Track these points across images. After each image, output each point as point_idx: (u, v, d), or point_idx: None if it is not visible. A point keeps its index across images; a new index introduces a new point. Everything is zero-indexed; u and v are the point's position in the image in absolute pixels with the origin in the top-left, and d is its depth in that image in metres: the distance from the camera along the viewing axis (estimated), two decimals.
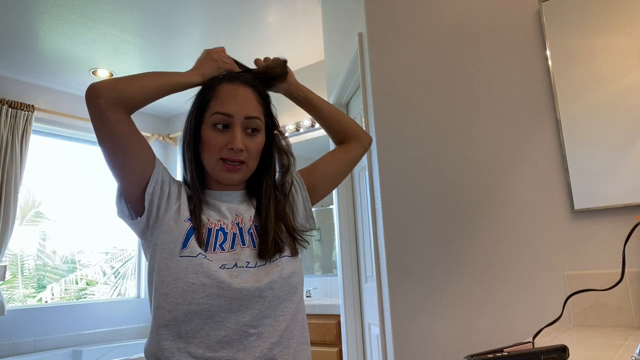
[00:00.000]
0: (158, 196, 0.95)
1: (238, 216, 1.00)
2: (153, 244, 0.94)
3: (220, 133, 0.95)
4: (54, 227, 4.17)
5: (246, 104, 0.97)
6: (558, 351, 0.77)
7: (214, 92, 0.98)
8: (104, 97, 0.86)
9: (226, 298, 0.88)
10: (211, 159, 0.97)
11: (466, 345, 1.42)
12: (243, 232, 0.98)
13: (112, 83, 0.88)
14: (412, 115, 1.64)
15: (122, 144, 0.89)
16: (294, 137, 3.85)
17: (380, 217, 1.70)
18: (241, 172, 0.98)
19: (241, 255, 0.94)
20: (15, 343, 3.46)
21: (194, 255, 0.89)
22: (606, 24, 1.26)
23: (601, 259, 1.21)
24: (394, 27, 1.75)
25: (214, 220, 0.97)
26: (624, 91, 1.21)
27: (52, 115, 3.94)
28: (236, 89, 0.99)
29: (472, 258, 1.44)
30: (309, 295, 3.43)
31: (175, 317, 0.87)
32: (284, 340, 0.93)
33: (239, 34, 3.30)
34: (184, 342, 0.87)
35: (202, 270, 0.88)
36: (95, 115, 0.87)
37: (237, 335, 0.89)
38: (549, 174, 1.33)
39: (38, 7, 2.86)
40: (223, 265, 0.91)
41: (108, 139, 0.89)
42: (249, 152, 0.97)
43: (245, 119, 0.96)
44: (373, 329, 2.19)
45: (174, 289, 0.87)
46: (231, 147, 0.94)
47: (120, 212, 0.96)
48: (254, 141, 0.98)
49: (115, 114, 0.87)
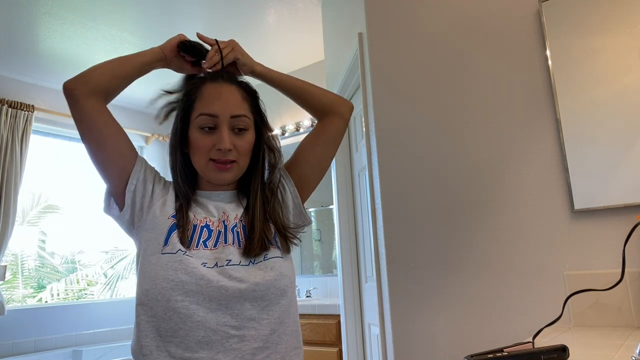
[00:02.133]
0: (141, 194, 0.95)
1: (224, 214, 0.99)
2: (139, 241, 0.95)
3: (208, 134, 0.95)
4: (54, 227, 4.17)
5: (231, 103, 0.96)
6: (558, 351, 0.77)
7: (197, 92, 0.97)
8: (77, 88, 0.91)
9: (204, 295, 0.86)
10: (201, 161, 0.96)
11: (466, 345, 1.42)
12: (227, 230, 0.96)
13: (82, 74, 0.93)
14: (412, 115, 1.64)
15: (100, 133, 0.92)
16: (294, 137, 3.85)
17: (380, 217, 1.70)
18: (232, 170, 0.97)
19: (223, 254, 0.92)
20: (15, 343, 3.46)
21: (174, 252, 0.88)
22: (606, 24, 1.26)
23: (601, 259, 1.21)
24: (394, 27, 1.75)
25: (200, 217, 0.96)
26: (624, 91, 1.21)
27: (52, 115, 3.94)
28: (219, 87, 0.97)
29: (472, 258, 1.44)
30: (309, 295, 3.42)
31: (155, 314, 0.86)
32: (270, 346, 0.90)
33: (239, 34, 3.30)
34: (163, 340, 0.86)
35: (182, 267, 0.87)
36: (72, 106, 0.91)
37: (217, 335, 0.86)
38: (549, 174, 1.33)
39: (38, 8, 2.86)
40: (204, 263, 0.90)
41: (87, 129, 0.92)
42: (238, 151, 0.96)
43: (231, 118, 0.95)
44: (373, 329, 2.19)
45: (154, 285, 0.86)
46: (219, 147, 0.93)
47: (107, 207, 0.97)
48: (243, 140, 0.97)
49: (90, 102, 0.91)
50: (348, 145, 2.63)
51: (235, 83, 1.00)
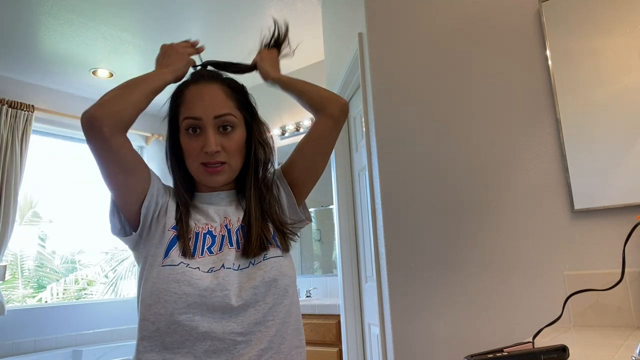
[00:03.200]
0: (152, 209, 0.94)
1: (226, 218, 0.98)
2: (144, 255, 0.93)
3: (195, 138, 0.94)
4: (53, 227, 4.17)
5: (213, 103, 0.94)
6: (558, 351, 0.77)
7: (181, 96, 0.97)
8: (107, 125, 0.82)
9: (208, 307, 0.86)
10: (193, 165, 0.95)
11: (466, 345, 1.42)
12: (231, 234, 0.95)
13: (106, 108, 0.84)
14: (412, 115, 1.64)
15: (125, 165, 0.87)
16: (294, 137, 3.85)
17: (380, 217, 1.70)
18: (224, 172, 0.95)
19: (228, 257, 0.91)
20: (15, 343, 3.46)
21: (176, 264, 0.87)
22: (606, 24, 1.26)
23: (601, 259, 1.21)
24: (394, 27, 1.75)
25: (201, 224, 0.95)
26: (624, 91, 1.21)
27: (52, 115, 3.94)
28: (201, 89, 0.95)
29: (472, 258, 1.44)
30: (309, 295, 3.42)
31: (158, 328, 0.85)
32: (273, 346, 0.90)
33: (239, 34, 3.30)
34: (170, 352, 0.85)
35: (184, 279, 0.85)
36: (98, 143, 0.83)
37: (224, 344, 0.86)
38: (549, 174, 1.33)
39: (38, 7, 2.86)
40: (211, 269, 0.89)
41: (112, 163, 0.86)
42: (227, 151, 0.94)
43: (215, 118, 0.93)
44: (373, 329, 2.19)
45: (156, 299, 0.85)
46: (205, 150, 0.92)
47: (114, 227, 0.94)
48: (231, 139, 0.95)
49: (119, 139, 0.85)
50: (348, 145, 2.63)
51: (219, 81, 0.98)
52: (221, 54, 2.48)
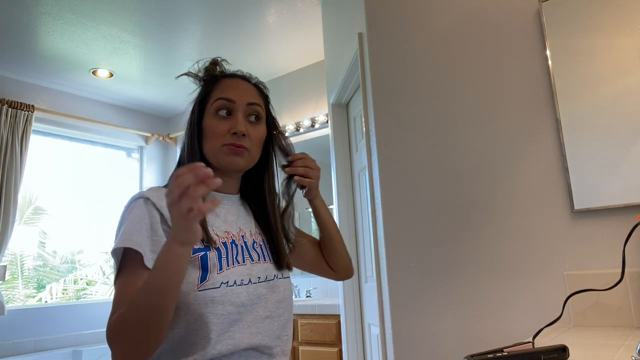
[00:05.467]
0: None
1: (241, 229, 0.99)
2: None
3: (223, 120, 0.95)
4: (53, 227, 4.17)
5: (248, 92, 0.99)
6: (558, 351, 0.77)
7: (215, 83, 1.00)
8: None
9: (245, 322, 0.88)
10: (215, 146, 0.94)
11: (466, 345, 1.42)
12: (248, 247, 0.97)
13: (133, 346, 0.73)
14: (412, 115, 1.64)
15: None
16: (294, 137, 3.84)
17: (380, 217, 1.70)
18: (244, 157, 0.96)
19: (252, 271, 0.93)
20: (15, 343, 3.47)
21: (217, 287, 0.86)
22: (606, 24, 1.26)
23: (601, 259, 1.21)
24: (394, 27, 1.75)
25: (221, 232, 0.94)
26: (624, 91, 1.21)
27: (52, 115, 3.94)
28: (237, 81, 1.01)
29: (472, 258, 1.44)
30: (309, 295, 3.43)
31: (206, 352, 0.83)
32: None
33: (239, 33, 3.30)
34: None
35: (227, 299, 0.86)
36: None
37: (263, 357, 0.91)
38: (549, 174, 1.33)
39: (38, 7, 2.86)
40: (242, 281, 0.90)
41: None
42: (251, 139, 0.97)
43: (248, 105, 0.97)
44: (373, 329, 2.20)
45: (202, 324, 0.83)
46: (234, 131, 0.93)
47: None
48: (256, 130, 0.98)
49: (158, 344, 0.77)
50: (348, 145, 2.63)
51: (253, 82, 1.04)
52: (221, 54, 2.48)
